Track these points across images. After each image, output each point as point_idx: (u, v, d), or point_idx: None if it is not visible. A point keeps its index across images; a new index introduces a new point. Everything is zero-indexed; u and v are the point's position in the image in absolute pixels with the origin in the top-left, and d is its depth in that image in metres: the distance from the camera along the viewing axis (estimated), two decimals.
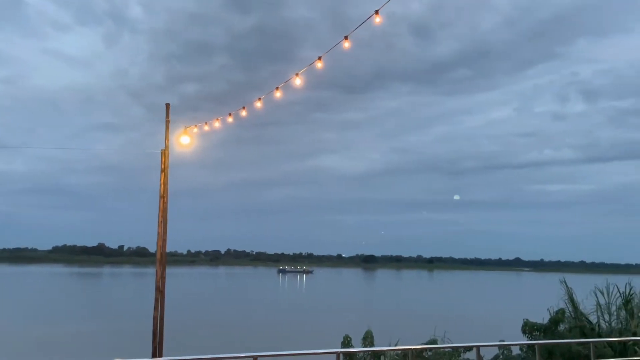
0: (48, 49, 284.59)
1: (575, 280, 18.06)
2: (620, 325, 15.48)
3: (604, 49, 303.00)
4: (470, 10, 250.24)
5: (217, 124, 15.61)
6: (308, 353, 8.89)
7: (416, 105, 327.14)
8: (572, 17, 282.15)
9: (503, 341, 15.11)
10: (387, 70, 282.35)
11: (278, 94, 12.86)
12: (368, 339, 15.98)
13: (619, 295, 16.00)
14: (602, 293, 16.08)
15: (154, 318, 15.00)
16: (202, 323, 45.34)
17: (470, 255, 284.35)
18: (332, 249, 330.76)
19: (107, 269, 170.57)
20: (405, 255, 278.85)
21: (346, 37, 10.13)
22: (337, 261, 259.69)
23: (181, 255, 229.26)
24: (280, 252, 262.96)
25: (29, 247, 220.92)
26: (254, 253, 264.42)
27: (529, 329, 16.41)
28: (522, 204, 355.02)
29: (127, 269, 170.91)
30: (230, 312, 55.79)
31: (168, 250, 16.08)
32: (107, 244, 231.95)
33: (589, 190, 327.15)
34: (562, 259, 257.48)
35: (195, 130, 16.09)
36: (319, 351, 8.95)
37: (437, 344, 15.85)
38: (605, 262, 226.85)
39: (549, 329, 16.07)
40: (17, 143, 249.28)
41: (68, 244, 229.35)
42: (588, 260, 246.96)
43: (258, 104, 13.80)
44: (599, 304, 16.01)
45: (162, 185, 15.57)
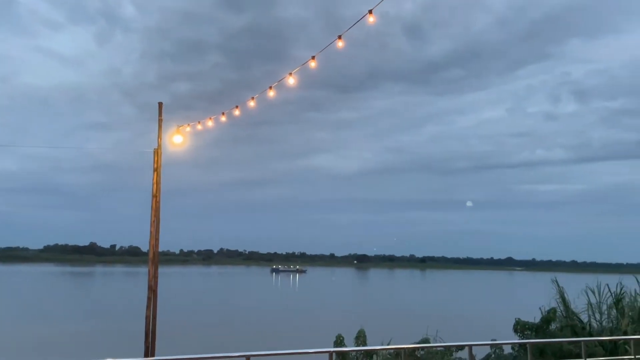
0: (40, 47, 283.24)
1: (566, 279, 18.18)
2: (611, 324, 15.60)
3: (596, 50, 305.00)
4: (463, 10, 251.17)
5: (210, 123, 15.58)
6: (301, 352, 8.89)
7: (409, 105, 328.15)
8: (564, 18, 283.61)
9: (495, 340, 15.18)
10: (380, 70, 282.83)
11: (271, 93, 12.86)
12: (360, 338, 16.00)
13: (610, 294, 16.13)
14: (593, 292, 16.20)
15: (147, 317, 14.96)
16: (195, 322, 45.24)
17: (462, 255, 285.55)
18: (325, 248, 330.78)
19: (99, 269, 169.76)
20: (398, 254, 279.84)
21: (340, 37, 10.13)
22: (330, 260, 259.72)
23: (174, 254, 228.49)
24: (273, 252, 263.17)
25: (21, 247, 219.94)
26: (247, 252, 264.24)
27: (521, 328, 16.49)
28: (514, 203, 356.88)
29: (119, 269, 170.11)
30: (223, 312, 55.72)
31: (160, 249, 16.03)
32: (99, 243, 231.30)
33: (580, 190, 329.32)
34: (554, 259, 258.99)
35: (188, 129, 16.06)
36: (312, 350, 8.96)
37: (429, 343, 15.90)
38: (597, 261, 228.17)
39: (541, 328, 16.15)
40: (8, 141, 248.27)
41: (60, 243, 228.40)
42: (579, 259, 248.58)
43: (251, 103, 13.78)
44: (590, 303, 16.13)
45: (155, 185, 15.53)
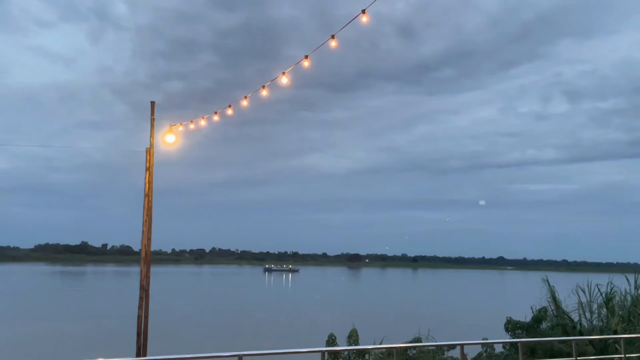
0: (32, 45, 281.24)
1: (557, 279, 18.29)
2: (601, 323, 15.70)
3: (587, 50, 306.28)
4: (455, 10, 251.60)
5: (202, 122, 15.56)
6: (293, 352, 8.89)
7: (401, 104, 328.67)
8: (556, 18, 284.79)
9: (486, 339, 15.25)
10: (372, 69, 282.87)
11: (264, 92, 12.85)
12: (353, 338, 16.03)
13: (600, 293, 16.24)
14: (584, 292, 16.30)
15: (139, 317, 14.92)
16: (187, 322, 45.16)
17: (454, 254, 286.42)
18: (317, 247, 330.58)
19: (90, 268, 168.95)
20: (390, 253, 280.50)
21: (333, 37, 10.14)
22: (322, 260, 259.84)
23: (166, 253, 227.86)
24: (265, 251, 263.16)
25: (11, 246, 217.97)
26: (239, 252, 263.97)
27: (512, 327, 16.57)
28: (505, 203, 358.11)
29: (110, 268, 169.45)
30: (216, 311, 55.62)
31: (152, 248, 15.99)
32: (90, 243, 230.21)
33: (571, 190, 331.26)
34: (545, 258, 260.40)
35: (181, 128, 16.03)
36: (304, 350, 8.96)
37: (421, 342, 15.95)
38: (587, 261, 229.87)
39: (532, 327, 16.23)
40: None
41: (51, 243, 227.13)
42: (570, 259, 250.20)
43: (244, 103, 13.77)
44: (580, 302, 16.23)
45: (147, 184, 15.48)
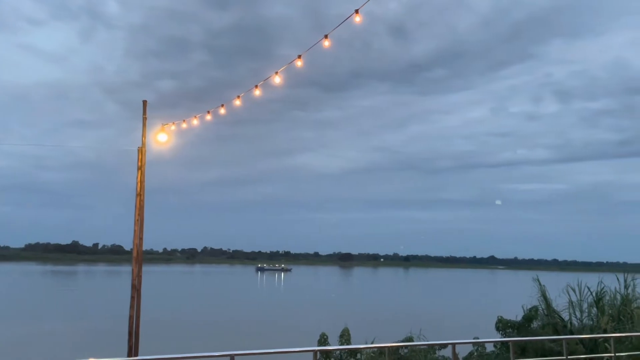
0: (22, 43, 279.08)
1: (548, 278, 18.37)
2: (591, 322, 15.81)
3: (578, 51, 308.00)
4: (447, 10, 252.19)
5: (195, 121, 15.53)
6: (285, 352, 8.89)
7: (393, 104, 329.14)
8: (546, 19, 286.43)
9: (477, 338, 15.32)
10: (365, 69, 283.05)
11: (257, 92, 12.84)
12: (345, 337, 16.04)
13: (590, 293, 16.36)
14: (574, 291, 16.41)
15: (130, 317, 14.88)
16: (179, 322, 45.03)
17: (445, 254, 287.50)
18: (309, 247, 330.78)
19: (81, 267, 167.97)
20: (382, 253, 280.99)
21: (326, 36, 10.15)
22: (314, 259, 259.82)
23: (157, 253, 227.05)
24: (257, 250, 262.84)
25: (1, 245, 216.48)
26: (231, 251, 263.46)
27: (503, 326, 16.64)
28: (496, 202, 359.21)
29: (101, 267, 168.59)
30: (208, 311, 55.47)
31: (144, 248, 15.93)
32: (81, 242, 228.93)
33: (562, 190, 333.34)
34: (536, 257, 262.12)
35: (173, 127, 15.99)
36: (296, 349, 8.96)
37: (412, 341, 15.99)
38: (578, 260, 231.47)
39: (523, 326, 16.31)
40: None
41: (41, 242, 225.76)
42: (561, 258, 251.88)
43: (237, 102, 13.76)
44: (571, 301, 16.34)
45: (139, 183, 15.44)
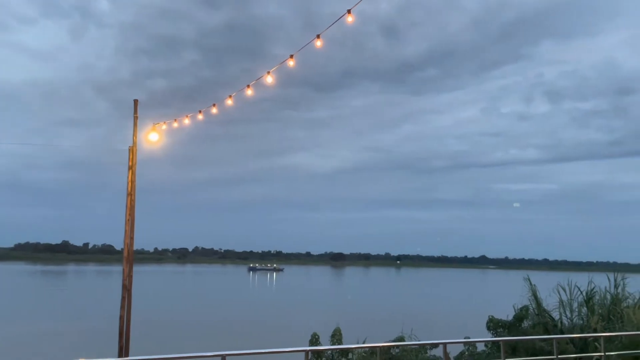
0: (11, 41, 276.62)
1: (538, 277, 18.45)
2: (581, 322, 15.90)
3: (569, 51, 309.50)
4: (439, 10, 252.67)
5: (186, 120, 15.48)
6: (276, 352, 8.88)
7: (386, 104, 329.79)
8: (537, 19, 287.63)
9: (468, 338, 15.37)
10: (357, 69, 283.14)
11: (249, 91, 12.82)
12: (336, 337, 16.05)
13: (581, 292, 16.46)
14: (565, 290, 16.51)
15: (121, 317, 14.82)
16: (170, 322, 44.87)
17: (436, 253, 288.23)
18: (301, 246, 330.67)
19: (71, 267, 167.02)
20: (374, 252, 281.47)
21: (318, 36, 10.15)
22: (306, 259, 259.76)
23: (148, 253, 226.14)
24: (248, 250, 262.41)
25: None
26: (222, 251, 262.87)
27: (494, 325, 16.71)
28: (488, 202, 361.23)
29: (92, 267, 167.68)
30: (200, 311, 55.33)
31: (135, 247, 15.88)
32: (71, 242, 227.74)
33: (552, 190, 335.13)
34: (526, 257, 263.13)
35: (164, 127, 15.93)
36: (287, 350, 8.95)
37: (404, 341, 16.03)
38: (568, 260, 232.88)
39: (513, 325, 16.39)
40: None
41: (31, 242, 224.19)
42: (551, 258, 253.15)
43: (229, 102, 13.72)
44: (561, 301, 16.43)
45: (130, 183, 15.37)
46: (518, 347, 14.23)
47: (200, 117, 15.01)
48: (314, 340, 15.97)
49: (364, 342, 14.88)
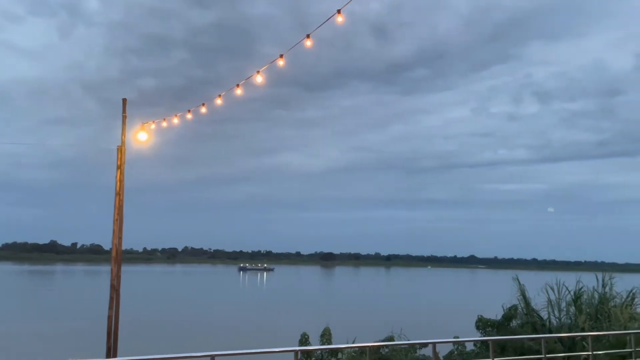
0: None
1: (527, 277, 18.57)
2: (569, 321, 16.01)
3: (557, 52, 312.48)
4: (429, 11, 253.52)
5: (175, 120, 15.41)
6: (266, 352, 8.85)
7: (375, 104, 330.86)
8: (527, 20, 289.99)
9: (458, 337, 15.41)
10: (346, 68, 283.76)
11: (239, 91, 12.78)
12: (326, 337, 16.05)
13: (569, 292, 16.57)
14: (553, 290, 16.61)
15: (109, 317, 14.73)
16: (159, 322, 44.64)
17: (426, 253, 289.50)
18: (291, 246, 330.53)
19: (59, 267, 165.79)
20: (364, 252, 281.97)
21: (308, 36, 10.13)
22: (296, 259, 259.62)
23: (137, 252, 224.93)
24: (238, 250, 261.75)
25: None
26: (212, 251, 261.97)
27: (483, 325, 16.79)
28: (477, 202, 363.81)
29: (80, 267, 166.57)
30: (189, 311, 55.10)
31: (123, 247, 15.79)
32: (59, 242, 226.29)
33: (541, 190, 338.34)
34: (515, 257, 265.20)
35: (153, 126, 15.85)
36: (277, 350, 8.93)
37: (393, 340, 16.06)
38: (556, 259, 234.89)
39: (502, 325, 16.47)
40: None
41: (19, 241, 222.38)
42: (540, 257, 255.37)
43: (218, 101, 13.67)
44: (549, 300, 16.53)
45: (118, 182, 15.28)
46: (507, 346, 14.31)
47: (189, 116, 14.95)
48: (304, 340, 15.97)
49: (353, 342, 14.89)
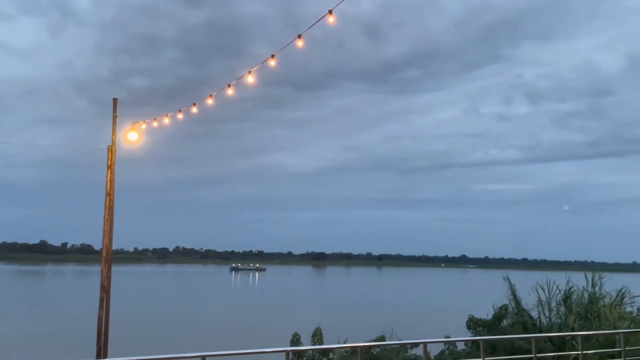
0: None
1: (518, 277, 18.67)
2: (559, 321, 16.10)
3: (547, 53, 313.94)
4: (420, 11, 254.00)
5: (166, 120, 15.36)
6: (257, 352, 8.84)
7: (367, 104, 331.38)
8: (517, 21, 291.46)
9: (449, 337, 15.48)
10: (338, 69, 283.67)
11: (230, 91, 12.75)
12: (317, 337, 16.05)
13: (559, 291, 16.66)
14: (543, 289, 16.69)
15: (99, 317, 14.66)
16: (150, 322, 44.48)
17: (417, 253, 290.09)
18: (283, 246, 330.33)
19: (49, 267, 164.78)
20: (355, 252, 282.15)
21: (300, 36, 10.13)
22: (288, 259, 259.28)
23: (128, 252, 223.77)
24: (230, 250, 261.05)
25: None
26: (203, 251, 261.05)
27: (474, 324, 16.86)
28: (468, 202, 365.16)
29: (70, 267, 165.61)
30: (180, 311, 54.93)
31: (114, 247, 15.72)
32: (49, 242, 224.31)
33: (531, 190, 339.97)
34: (506, 256, 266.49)
35: (144, 126, 15.79)
36: (268, 350, 8.92)
37: (385, 340, 16.09)
38: (547, 259, 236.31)
39: (493, 324, 16.55)
40: None
41: (8, 241, 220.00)
42: (530, 257, 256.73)
43: (209, 101, 13.64)
44: (540, 300, 16.61)
45: (109, 182, 15.20)
46: (497, 346, 14.37)
47: (180, 116, 14.90)
48: (295, 340, 15.97)
49: (345, 342, 14.90)
